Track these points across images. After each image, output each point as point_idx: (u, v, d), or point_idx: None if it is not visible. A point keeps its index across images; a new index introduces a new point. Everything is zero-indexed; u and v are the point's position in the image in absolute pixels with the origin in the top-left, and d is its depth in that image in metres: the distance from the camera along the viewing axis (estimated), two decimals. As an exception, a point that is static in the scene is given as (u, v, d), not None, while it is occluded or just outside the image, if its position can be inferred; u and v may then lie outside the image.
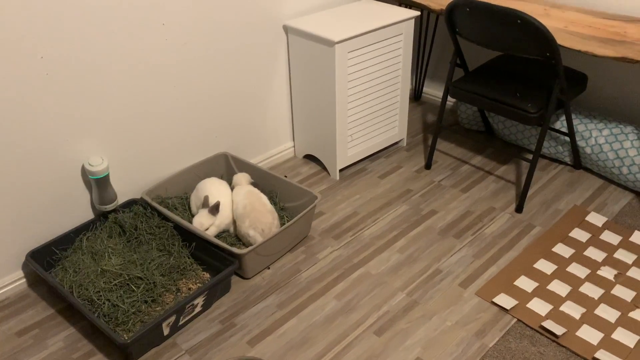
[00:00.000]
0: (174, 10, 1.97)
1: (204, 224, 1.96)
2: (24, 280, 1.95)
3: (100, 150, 1.99)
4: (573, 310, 1.81)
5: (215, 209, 1.98)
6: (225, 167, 2.37)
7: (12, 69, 1.67)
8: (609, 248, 2.06)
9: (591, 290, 1.88)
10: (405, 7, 2.59)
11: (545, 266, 1.99)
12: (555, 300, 1.85)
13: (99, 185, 1.94)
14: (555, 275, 1.95)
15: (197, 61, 2.13)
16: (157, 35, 1.97)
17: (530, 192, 2.37)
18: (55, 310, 1.86)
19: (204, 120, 2.26)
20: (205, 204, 2.00)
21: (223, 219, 2.01)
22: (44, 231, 1.95)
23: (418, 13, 2.41)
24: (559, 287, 1.90)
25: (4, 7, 1.59)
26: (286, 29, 2.36)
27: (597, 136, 2.33)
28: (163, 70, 2.04)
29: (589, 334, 1.72)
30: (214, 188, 2.07)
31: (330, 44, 2.17)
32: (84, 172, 1.97)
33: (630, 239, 2.10)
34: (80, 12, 1.74)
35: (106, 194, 1.97)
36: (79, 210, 2.02)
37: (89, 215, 2.06)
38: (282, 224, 2.09)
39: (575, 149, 2.40)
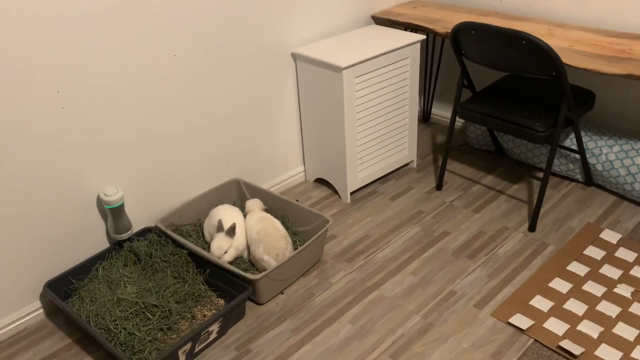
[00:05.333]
0: (185, 41, 2.02)
1: (223, 246, 1.97)
2: (42, 310, 1.97)
3: (115, 180, 2.02)
4: (590, 329, 1.79)
5: (232, 231, 1.99)
6: (238, 193, 2.40)
7: (30, 102, 1.72)
8: (624, 265, 2.05)
9: (608, 309, 1.86)
10: (411, 31, 2.63)
11: (560, 285, 1.97)
12: (572, 319, 1.83)
13: (114, 214, 1.97)
14: (571, 294, 1.94)
15: (208, 90, 2.17)
16: (169, 67, 2.02)
17: (542, 211, 2.37)
18: (72, 340, 1.88)
19: (215, 147, 2.30)
20: (220, 227, 2.02)
21: (239, 243, 2.03)
22: (61, 261, 1.98)
23: (424, 37, 2.45)
24: (576, 306, 1.88)
25: (23, 44, 1.64)
26: (294, 57, 2.40)
27: (607, 153, 2.33)
28: (175, 100, 2.08)
29: (608, 353, 1.70)
30: (226, 214, 2.09)
31: (337, 69, 2.20)
32: (99, 202, 2.01)
33: (646, 256, 2.08)
34: (94, 47, 1.80)
35: (121, 223, 2.00)
36: (94, 239, 2.05)
37: (105, 244, 2.09)
38: (294, 249, 2.10)
39: (586, 166, 2.40)
